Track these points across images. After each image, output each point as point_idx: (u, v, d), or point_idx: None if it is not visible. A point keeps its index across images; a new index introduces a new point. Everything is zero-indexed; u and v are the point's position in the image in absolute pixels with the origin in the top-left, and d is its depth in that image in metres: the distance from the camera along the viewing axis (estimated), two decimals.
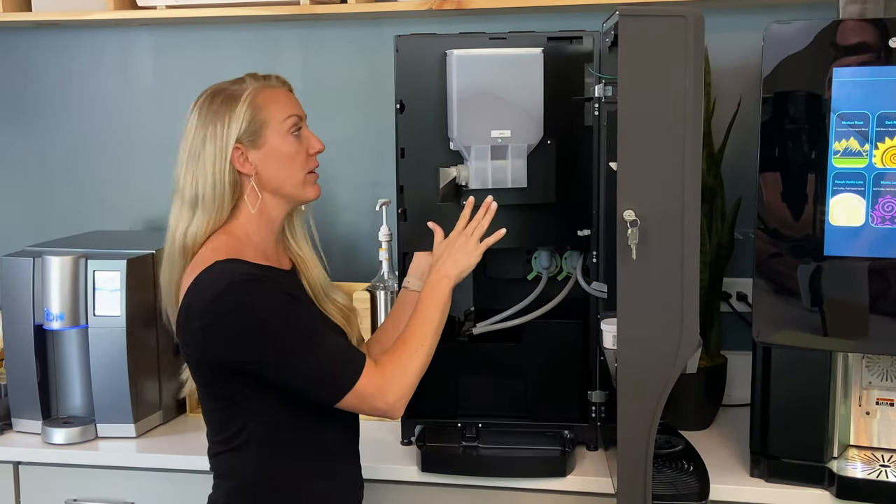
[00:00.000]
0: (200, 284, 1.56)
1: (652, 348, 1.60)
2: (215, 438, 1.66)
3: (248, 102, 1.61)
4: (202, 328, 1.55)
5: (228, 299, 1.53)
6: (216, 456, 1.67)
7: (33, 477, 2.13)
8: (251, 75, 1.67)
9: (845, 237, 1.71)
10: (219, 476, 1.68)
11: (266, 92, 1.64)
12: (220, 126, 1.60)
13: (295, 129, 1.65)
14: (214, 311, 1.54)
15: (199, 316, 1.55)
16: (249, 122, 1.61)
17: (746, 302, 2.25)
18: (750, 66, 2.14)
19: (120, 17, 2.37)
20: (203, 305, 1.55)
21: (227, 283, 1.54)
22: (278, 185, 1.65)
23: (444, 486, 1.96)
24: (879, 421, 1.86)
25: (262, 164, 1.63)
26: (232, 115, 1.60)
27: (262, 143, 1.62)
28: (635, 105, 1.55)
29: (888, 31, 1.65)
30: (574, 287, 1.99)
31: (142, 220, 2.66)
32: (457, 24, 2.36)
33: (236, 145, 1.60)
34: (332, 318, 1.71)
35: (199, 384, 1.65)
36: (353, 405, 1.59)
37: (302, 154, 1.67)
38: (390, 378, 1.60)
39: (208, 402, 1.65)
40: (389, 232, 2.26)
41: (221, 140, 1.60)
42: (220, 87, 1.65)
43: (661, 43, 1.54)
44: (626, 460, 1.64)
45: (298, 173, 1.66)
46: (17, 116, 2.70)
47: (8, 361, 2.16)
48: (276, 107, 1.64)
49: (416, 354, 1.64)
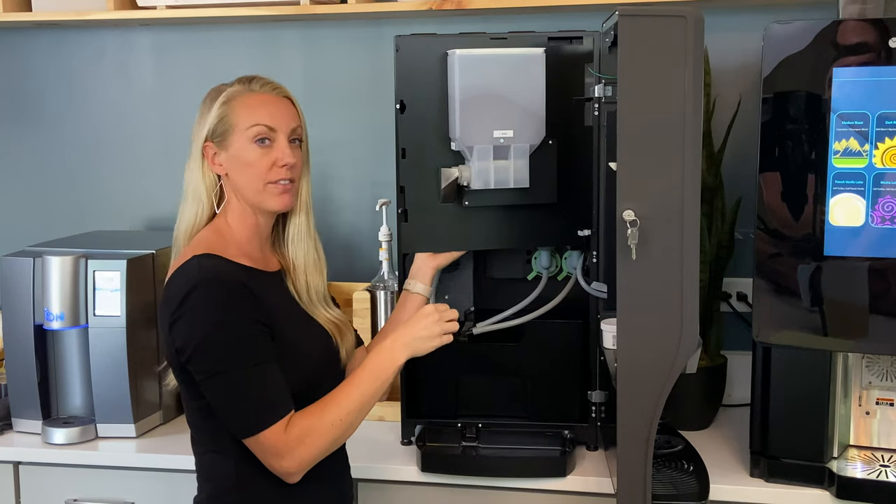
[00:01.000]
0: (173, 281, 1.58)
1: (651, 348, 1.59)
2: (195, 438, 1.66)
3: (221, 103, 1.63)
4: (170, 325, 1.56)
5: (191, 299, 1.53)
6: (198, 457, 1.67)
7: (33, 477, 2.13)
8: (247, 78, 1.67)
9: (845, 237, 1.71)
10: (200, 478, 1.68)
11: (244, 96, 1.64)
12: (199, 122, 1.66)
13: (258, 138, 1.63)
14: (179, 311, 1.54)
15: (168, 313, 1.56)
16: (218, 122, 1.63)
17: (746, 302, 2.25)
18: (750, 66, 2.14)
19: (120, 17, 2.37)
20: (171, 303, 1.55)
21: (194, 284, 1.54)
22: (240, 190, 1.65)
23: (444, 486, 1.96)
24: (879, 421, 1.86)
25: (228, 167, 1.64)
26: (208, 113, 1.64)
27: (228, 145, 1.63)
28: (635, 105, 1.55)
29: (888, 32, 1.65)
30: (574, 287, 1.98)
31: (142, 220, 2.66)
32: (457, 24, 2.36)
33: (207, 143, 1.64)
34: (321, 322, 1.70)
35: (178, 378, 1.64)
36: (254, 451, 1.57)
37: (264, 164, 1.63)
38: (294, 444, 1.54)
39: (188, 400, 1.64)
40: (389, 232, 2.26)
41: (197, 136, 1.65)
42: (215, 87, 1.68)
43: (660, 43, 1.54)
44: (625, 460, 1.63)
45: (256, 182, 1.63)
46: (16, 116, 2.70)
47: (8, 361, 2.16)
48: (245, 112, 1.63)
49: (332, 428, 1.57)
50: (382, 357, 1.65)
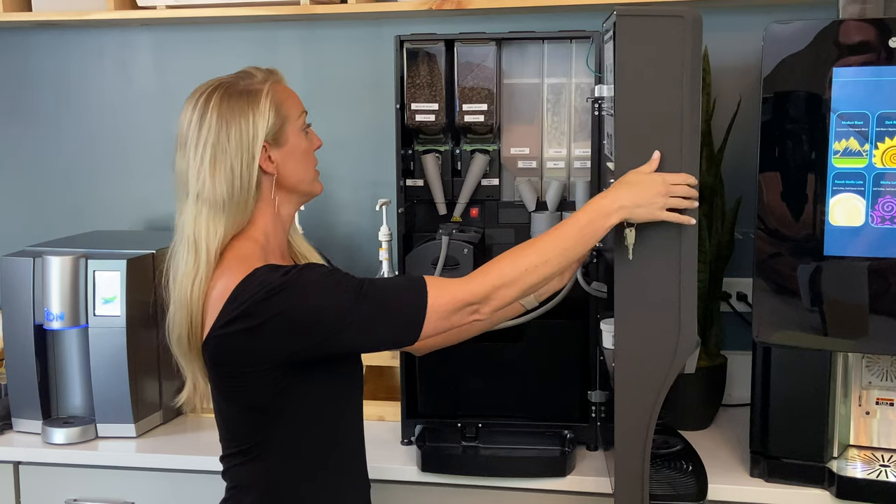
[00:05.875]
0: (247, 290, 1.48)
1: (649, 348, 1.59)
2: (233, 448, 1.60)
3: (270, 98, 1.56)
4: (255, 328, 1.48)
5: (282, 292, 1.47)
6: (234, 467, 1.61)
7: (33, 477, 2.13)
8: (255, 69, 1.62)
9: (845, 237, 1.71)
10: (235, 487, 1.62)
11: (279, 88, 1.60)
12: (246, 124, 1.53)
13: (306, 126, 1.63)
14: (269, 308, 1.47)
15: (252, 316, 1.47)
16: (274, 119, 1.56)
17: (746, 302, 2.25)
18: (750, 66, 2.14)
19: (120, 17, 2.37)
20: (253, 306, 1.47)
21: (277, 283, 1.47)
22: (296, 183, 1.61)
23: (444, 486, 1.96)
24: (879, 421, 1.86)
25: (283, 163, 1.58)
26: (257, 113, 1.54)
27: (284, 140, 1.58)
28: (632, 105, 1.55)
29: (888, 31, 1.65)
30: (574, 287, 1.98)
31: (142, 220, 2.66)
32: (457, 23, 2.36)
33: (263, 144, 1.54)
34: None
35: (224, 393, 1.58)
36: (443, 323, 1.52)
37: (311, 150, 1.65)
38: (485, 290, 1.50)
39: (232, 411, 1.58)
40: (389, 232, 2.26)
41: (248, 138, 1.53)
42: (229, 81, 1.58)
43: (658, 43, 1.54)
44: (623, 460, 1.63)
45: (311, 170, 1.64)
46: (17, 116, 2.70)
47: (8, 361, 2.16)
48: (291, 103, 1.60)
49: (526, 275, 1.51)
50: (597, 214, 1.53)
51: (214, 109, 1.54)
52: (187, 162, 1.55)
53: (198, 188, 1.54)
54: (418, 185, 2.06)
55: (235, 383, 1.55)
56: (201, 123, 1.54)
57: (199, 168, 1.54)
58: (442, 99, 1.97)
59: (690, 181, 1.55)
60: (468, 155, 2.04)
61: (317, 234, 2.48)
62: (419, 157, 2.04)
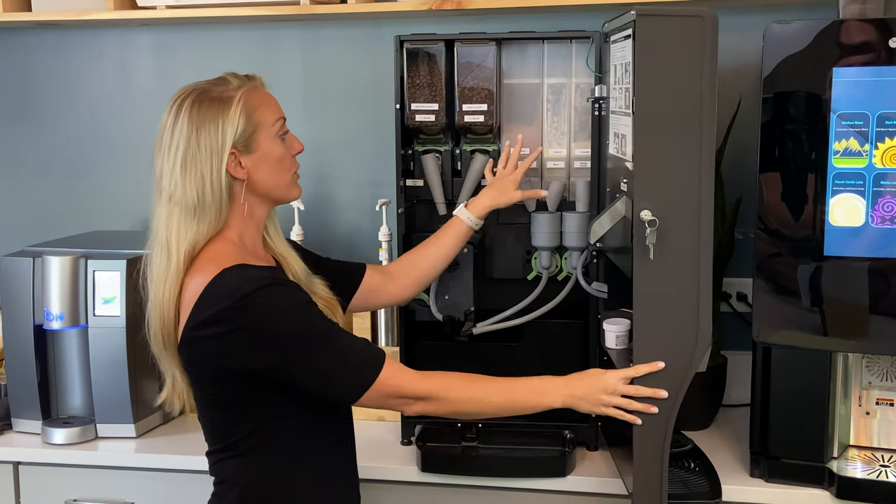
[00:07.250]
0: (215, 292, 1.51)
1: (669, 348, 1.60)
2: (217, 445, 1.63)
3: (241, 106, 1.57)
4: (221, 335, 1.50)
5: (251, 304, 1.49)
6: (218, 462, 1.64)
7: (33, 477, 2.13)
8: (233, 75, 1.63)
9: (845, 237, 1.71)
10: (222, 482, 1.64)
11: (254, 94, 1.61)
12: (215, 130, 1.55)
13: (282, 132, 1.63)
14: (236, 318, 1.49)
15: (218, 323, 1.50)
16: (244, 126, 1.57)
17: (746, 302, 2.25)
18: (750, 66, 2.14)
19: (120, 17, 2.37)
20: (222, 312, 1.49)
21: (248, 289, 1.49)
22: (269, 189, 1.63)
23: (444, 486, 1.96)
24: (879, 421, 1.86)
25: (254, 169, 1.59)
26: (226, 119, 1.56)
27: (255, 147, 1.59)
28: (651, 104, 1.55)
29: (888, 32, 1.65)
30: (574, 287, 1.98)
31: (142, 220, 2.66)
32: (457, 23, 2.36)
33: (231, 150, 1.56)
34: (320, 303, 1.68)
35: (203, 392, 1.60)
36: (376, 402, 1.59)
37: (288, 156, 1.64)
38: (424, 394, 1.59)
39: (212, 409, 1.61)
40: (389, 232, 2.27)
41: (217, 144, 1.55)
42: (203, 87, 1.59)
43: (677, 43, 1.53)
44: (642, 461, 1.63)
45: (286, 176, 1.65)
46: (16, 116, 2.70)
47: (8, 361, 2.16)
48: (266, 110, 1.61)
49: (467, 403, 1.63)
50: (553, 390, 1.66)
51: (186, 114, 1.57)
52: (161, 164, 1.60)
53: (170, 190, 1.59)
54: (418, 185, 2.06)
55: (211, 383, 1.58)
56: (174, 128, 1.58)
57: (171, 171, 1.58)
58: (442, 99, 1.97)
59: (643, 393, 1.62)
60: (468, 155, 2.04)
61: (317, 234, 2.48)
62: (419, 157, 2.05)
